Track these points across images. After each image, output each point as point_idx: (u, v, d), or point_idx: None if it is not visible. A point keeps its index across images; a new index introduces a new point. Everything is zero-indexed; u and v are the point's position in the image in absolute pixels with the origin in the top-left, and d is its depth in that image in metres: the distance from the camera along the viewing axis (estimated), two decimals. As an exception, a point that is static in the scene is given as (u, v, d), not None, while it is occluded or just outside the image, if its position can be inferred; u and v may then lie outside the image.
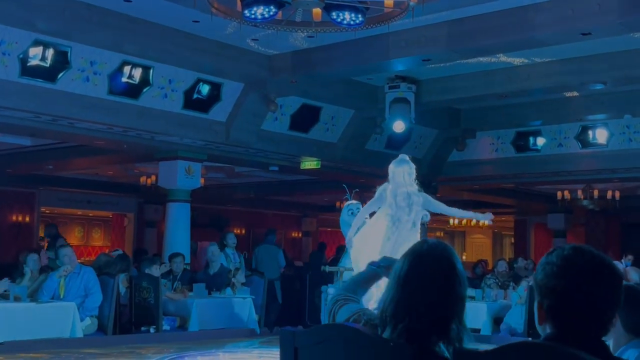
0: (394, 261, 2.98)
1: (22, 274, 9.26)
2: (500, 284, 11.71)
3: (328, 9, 6.27)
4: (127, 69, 10.04)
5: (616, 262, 2.00)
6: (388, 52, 9.46)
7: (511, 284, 11.55)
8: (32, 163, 15.86)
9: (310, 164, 13.58)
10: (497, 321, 10.86)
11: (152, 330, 9.55)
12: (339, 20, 6.31)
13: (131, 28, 9.20)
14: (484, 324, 10.63)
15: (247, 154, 12.79)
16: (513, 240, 26.84)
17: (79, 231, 24.17)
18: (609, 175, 14.58)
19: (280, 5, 6.19)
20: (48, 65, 9.30)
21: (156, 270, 10.23)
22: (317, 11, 6.41)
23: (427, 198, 7.30)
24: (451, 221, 27.49)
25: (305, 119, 12.57)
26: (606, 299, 1.87)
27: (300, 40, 9.77)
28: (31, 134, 11.85)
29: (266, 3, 6.08)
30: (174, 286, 10.43)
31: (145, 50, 9.76)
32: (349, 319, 2.27)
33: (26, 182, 18.14)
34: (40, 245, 16.86)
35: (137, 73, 10.14)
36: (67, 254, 9.17)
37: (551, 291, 1.89)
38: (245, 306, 10.35)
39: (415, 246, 2.17)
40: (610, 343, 1.93)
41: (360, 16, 6.28)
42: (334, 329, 2.19)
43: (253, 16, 6.22)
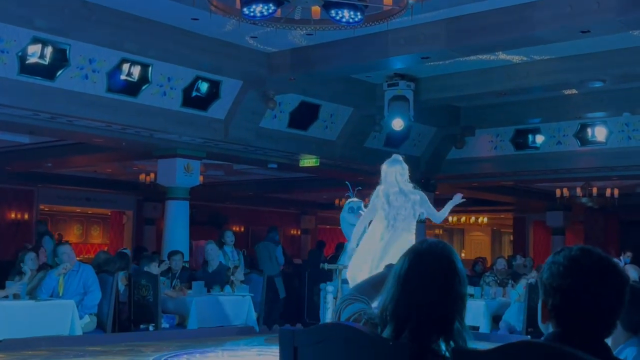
0: None
1: (20, 272, 9.24)
2: (499, 281, 11.71)
3: (327, 6, 6.27)
4: (125, 66, 10.03)
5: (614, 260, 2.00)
6: (387, 50, 9.46)
7: (510, 281, 11.55)
8: (30, 161, 15.85)
9: (309, 161, 13.59)
10: (495, 319, 10.85)
11: (151, 328, 9.55)
12: (337, 18, 6.30)
13: (130, 26, 9.20)
14: (482, 322, 10.63)
15: (246, 152, 12.79)
16: (512, 238, 26.87)
17: (77, 229, 24.19)
18: (607, 173, 14.59)
19: (279, 3, 6.19)
20: (47, 63, 9.29)
21: (155, 268, 10.23)
22: (316, 9, 6.41)
23: (424, 198, 7.19)
24: (450, 219, 27.55)
25: (304, 116, 12.57)
26: (611, 301, 1.87)
27: (299, 38, 9.77)
28: (30, 131, 11.85)
29: (265, 1, 6.07)
30: (173, 284, 10.43)
31: (144, 48, 9.76)
32: (349, 318, 2.28)
33: (25, 180, 18.13)
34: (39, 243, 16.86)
35: (136, 71, 10.14)
36: (65, 251, 9.16)
37: (556, 291, 1.89)
38: (245, 304, 10.35)
39: (415, 245, 2.17)
40: (608, 341, 1.93)
41: (359, 14, 6.28)
42: (334, 328, 2.19)
43: (252, 14, 6.21)
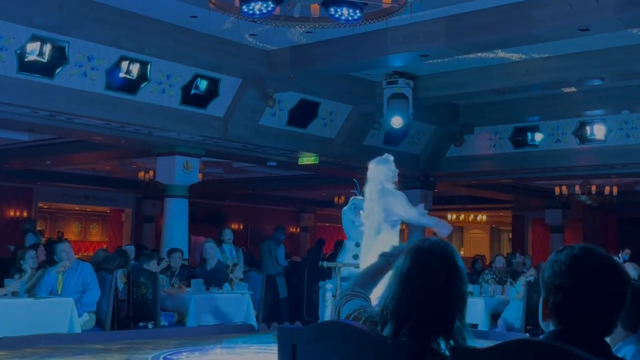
0: (404, 249, 2.94)
1: (19, 269, 9.24)
2: (497, 279, 11.72)
3: (326, 4, 6.27)
4: (124, 64, 10.03)
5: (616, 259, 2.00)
6: (386, 48, 9.45)
7: (509, 279, 11.56)
8: (29, 158, 15.86)
9: (308, 159, 13.58)
10: (494, 317, 10.87)
11: (150, 326, 9.55)
12: (337, 15, 6.31)
13: (129, 23, 9.19)
14: (481, 320, 10.65)
15: (245, 150, 12.78)
16: (511, 236, 26.88)
17: (76, 226, 24.20)
18: (606, 171, 14.59)
19: (278, 0, 6.19)
20: (46, 61, 9.29)
21: (154, 266, 10.22)
22: (315, 7, 6.41)
23: (397, 199, 6.70)
24: (449, 216, 27.57)
25: (303, 114, 12.57)
26: (612, 300, 1.87)
27: (298, 35, 9.76)
28: (29, 129, 11.84)
29: (264, -2, 6.08)
30: (172, 282, 10.43)
31: (143, 46, 9.75)
32: (349, 316, 2.28)
33: (24, 178, 18.14)
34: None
35: (135, 68, 10.13)
36: (64, 249, 9.15)
37: (557, 289, 1.89)
38: (243, 302, 10.35)
39: (416, 243, 2.17)
40: (607, 339, 1.93)
41: (358, 12, 6.28)
42: (333, 326, 2.19)
43: (251, 11, 6.21)
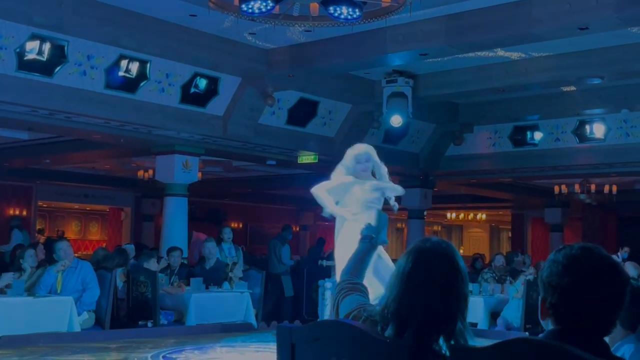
0: (376, 226, 3.00)
1: (19, 268, 9.24)
2: (497, 278, 11.73)
3: (325, 3, 6.27)
4: (124, 63, 10.02)
5: (612, 256, 2.00)
6: (385, 47, 9.45)
7: (508, 278, 11.57)
8: (29, 157, 15.86)
9: (307, 158, 13.58)
10: (493, 315, 10.88)
11: (150, 325, 9.55)
12: (336, 14, 6.31)
13: (128, 22, 9.19)
14: (480, 319, 10.65)
15: (245, 148, 12.78)
16: (510, 235, 26.90)
17: (76, 225, 24.22)
18: (606, 170, 14.60)
19: (277, -1, 6.19)
20: (45, 60, 9.28)
21: (154, 264, 10.22)
22: (315, 5, 6.42)
23: (354, 188, 6.33)
24: (449, 215, 27.60)
25: (303, 113, 12.56)
26: (610, 301, 1.87)
27: (298, 34, 9.76)
28: (28, 128, 11.84)
29: (263, -3, 6.08)
30: (172, 280, 10.43)
31: (143, 45, 9.75)
32: (349, 314, 2.27)
33: (23, 176, 18.13)
34: (37, 239, 16.86)
35: (134, 67, 10.13)
36: (62, 247, 9.13)
37: (555, 289, 1.89)
38: (243, 300, 10.36)
39: (418, 244, 2.17)
40: (606, 339, 1.93)
41: (357, 11, 6.28)
42: (332, 325, 2.19)
43: (250, 10, 6.21)
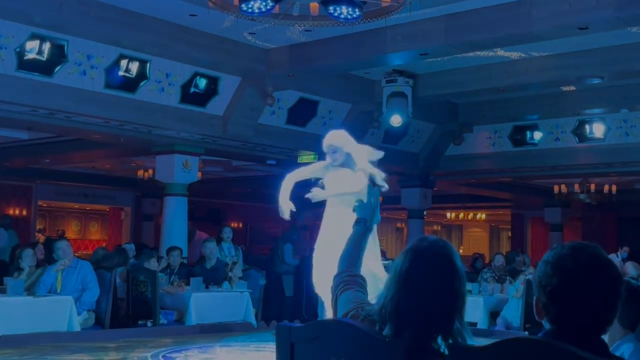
0: (369, 204, 2.90)
1: (18, 268, 9.25)
2: (496, 278, 11.74)
3: (325, 3, 6.27)
4: (124, 62, 10.03)
5: (612, 255, 2.00)
6: (385, 46, 9.45)
7: (508, 278, 11.57)
8: (29, 157, 15.85)
9: (307, 157, 13.57)
10: (493, 315, 10.88)
11: (149, 324, 9.55)
12: (336, 14, 6.31)
13: (128, 22, 9.18)
14: (480, 318, 10.66)
15: (245, 148, 12.79)
16: (510, 234, 26.90)
17: (76, 225, 24.21)
18: (605, 170, 14.61)
19: (277, -1, 6.19)
20: (45, 59, 9.28)
21: (154, 264, 10.23)
22: (315, 5, 6.42)
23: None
24: (448, 214, 27.60)
25: (303, 113, 12.57)
26: (600, 300, 1.85)
27: (298, 34, 9.76)
28: (28, 127, 11.84)
29: (263, -3, 6.08)
30: (171, 280, 10.43)
31: (142, 44, 9.75)
32: (347, 313, 2.27)
33: (23, 176, 18.12)
34: (36, 239, 16.87)
35: (134, 67, 10.13)
36: (61, 247, 9.13)
37: (544, 289, 1.88)
38: (243, 300, 10.37)
39: (415, 243, 2.16)
40: (605, 337, 1.92)
41: (357, 10, 6.28)
42: (331, 325, 2.19)
43: (250, 10, 6.22)
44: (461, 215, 27.79)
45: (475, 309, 10.52)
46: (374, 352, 1.99)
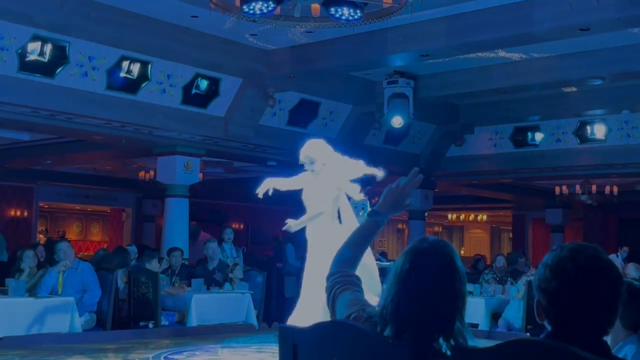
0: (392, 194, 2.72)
1: (19, 269, 9.25)
2: (498, 279, 11.73)
3: (326, 4, 6.27)
4: (125, 64, 10.04)
5: (612, 256, 2.00)
6: (386, 48, 9.46)
7: (509, 279, 11.57)
8: (30, 158, 15.85)
9: (308, 159, 13.56)
10: (495, 316, 10.88)
11: (151, 326, 9.56)
12: (337, 15, 6.31)
13: (130, 23, 9.19)
14: (482, 320, 10.65)
15: (246, 149, 12.79)
16: (511, 235, 26.89)
17: (77, 226, 24.21)
18: (607, 171, 14.60)
19: (278, 0, 6.19)
20: (46, 61, 9.30)
21: (156, 265, 10.23)
22: (316, 6, 6.42)
23: None
24: (449, 216, 27.60)
25: (304, 114, 12.57)
26: (599, 302, 1.84)
27: (299, 35, 9.77)
28: (29, 128, 11.86)
29: (265, -2, 6.08)
30: (173, 281, 10.44)
31: (144, 46, 9.76)
32: (349, 315, 2.27)
33: (24, 177, 18.14)
34: (37, 240, 16.86)
35: (136, 68, 10.14)
36: (62, 248, 9.14)
37: (544, 292, 1.88)
38: (244, 301, 10.37)
39: (415, 244, 2.16)
40: (607, 339, 1.92)
41: (358, 11, 6.28)
42: (334, 326, 2.19)
43: (251, 11, 6.22)
44: (462, 217, 27.79)
45: (476, 311, 10.52)
46: (377, 353, 1.99)
